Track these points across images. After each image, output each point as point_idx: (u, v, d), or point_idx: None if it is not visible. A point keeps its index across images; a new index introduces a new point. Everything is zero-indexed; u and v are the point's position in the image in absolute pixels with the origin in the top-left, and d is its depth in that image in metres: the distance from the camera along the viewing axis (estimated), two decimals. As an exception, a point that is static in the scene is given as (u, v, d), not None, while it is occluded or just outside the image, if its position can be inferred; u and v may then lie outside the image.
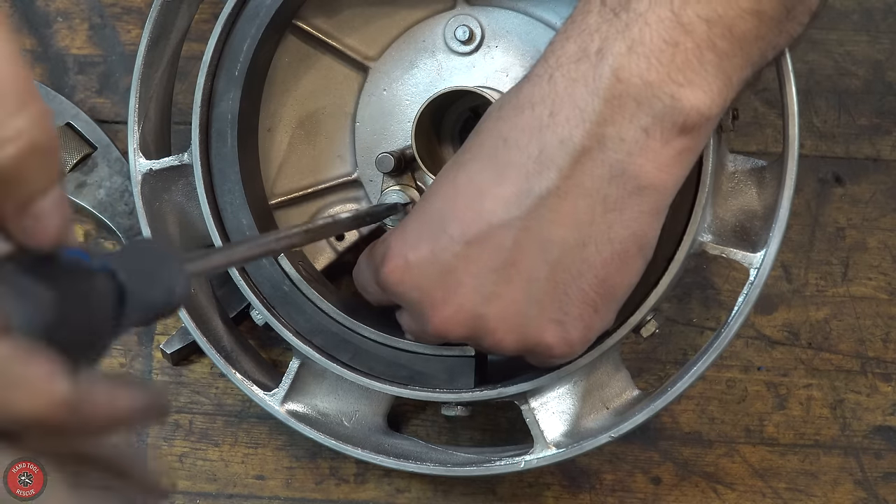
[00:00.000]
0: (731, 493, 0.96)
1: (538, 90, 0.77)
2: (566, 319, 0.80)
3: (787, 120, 0.84)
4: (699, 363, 0.86)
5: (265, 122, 0.94)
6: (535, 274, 0.78)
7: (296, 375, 0.92)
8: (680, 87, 0.75)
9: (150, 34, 0.91)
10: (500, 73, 0.92)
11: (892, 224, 1.00)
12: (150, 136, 0.93)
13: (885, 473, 0.96)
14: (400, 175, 0.92)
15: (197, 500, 0.96)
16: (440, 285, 0.80)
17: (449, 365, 0.89)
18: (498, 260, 0.78)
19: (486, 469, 0.90)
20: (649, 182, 0.77)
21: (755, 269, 0.85)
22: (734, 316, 0.85)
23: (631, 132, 0.75)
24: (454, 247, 0.79)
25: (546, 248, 0.78)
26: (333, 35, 0.94)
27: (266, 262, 0.90)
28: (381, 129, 0.94)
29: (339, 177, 0.96)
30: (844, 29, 1.04)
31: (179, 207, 0.93)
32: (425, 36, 0.93)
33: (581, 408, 0.89)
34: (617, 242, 0.78)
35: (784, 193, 0.84)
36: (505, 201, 0.77)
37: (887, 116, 1.02)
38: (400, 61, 0.94)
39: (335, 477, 0.96)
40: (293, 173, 0.96)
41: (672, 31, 0.74)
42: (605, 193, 0.77)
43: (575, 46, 0.76)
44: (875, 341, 0.99)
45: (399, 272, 0.80)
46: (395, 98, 0.94)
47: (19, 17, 1.05)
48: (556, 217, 0.77)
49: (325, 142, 0.96)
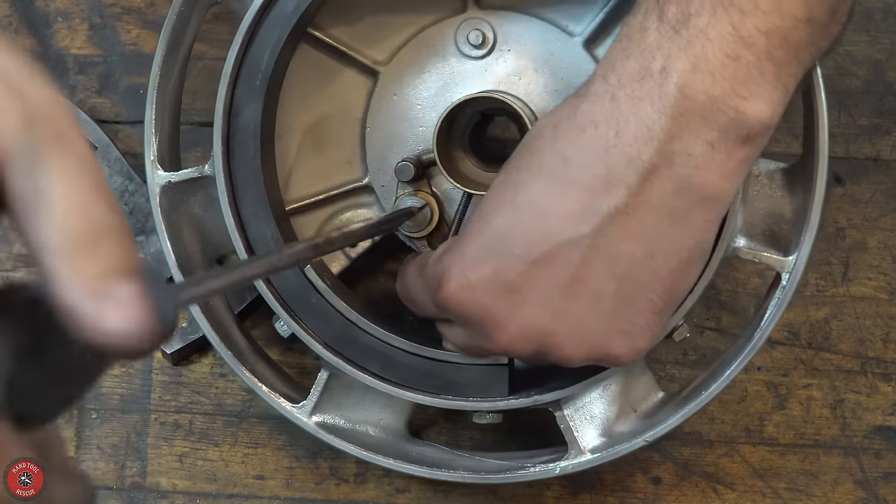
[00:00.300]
0: (731, 493, 0.96)
1: (600, 109, 0.78)
2: (634, 330, 0.81)
3: (817, 123, 0.85)
4: (732, 366, 0.87)
5: (274, 128, 0.94)
6: (603, 288, 0.79)
7: (324, 387, 0.91)
8: (743, 101, 0.76)
9: (166, 44, 0.90)
10: (513, 76, 0.92)
11: (892, 224, 1.00)
12: (164, 147, 0.92)
13: (885, 473, 0.96)
14: (417, 181, 0.92)
15: (197, 500, 0.96)
16: (506, 304, 0.80)
17: (481, 374, 0.89)
18: (565, 277, 0.79)
19: (522, 476, 0.90)
20: (713, 193, 0.78)
21: (787, 273, 0.86)
22: (767, 320, 0.86)
23: (698, 147, 0.76)
24: (519, 266, 0.79)
25: (614, 263, 0.78)
26: (343, 41, 0.93)
27: (292, 272, 0.89)
28: (393, 135, 0.94)
29: (350, 182, 0.95)
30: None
31: (196, 219, 0.92)
32: (436, 40, 0.93)
33: (611, 412, 0.90)
34: (683, 252, 0.79)
35: (815, 196, 0.85)
36: (573, 220, 0.78)
37: (887, 116, 1.02)
38: (411, 66, 0.93)
39: (335, 477, 0.96)
40: (303, 180, 0.95)
41: (734, 46, 0.75)
42: (671, 206, 0.78)
43: (636, 65, 0.77)
44: (875, 341, 0.98)
45: (462, 293, 0.80)
46: (407, 103, 0.93)
47: (19, 17, 1.05)
48: (625, 233, 0.78)
49: (334, 148, 0.95)
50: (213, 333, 0.90)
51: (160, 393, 0.98)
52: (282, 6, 0.88)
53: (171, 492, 0.96)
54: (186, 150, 0.96)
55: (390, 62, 0.93)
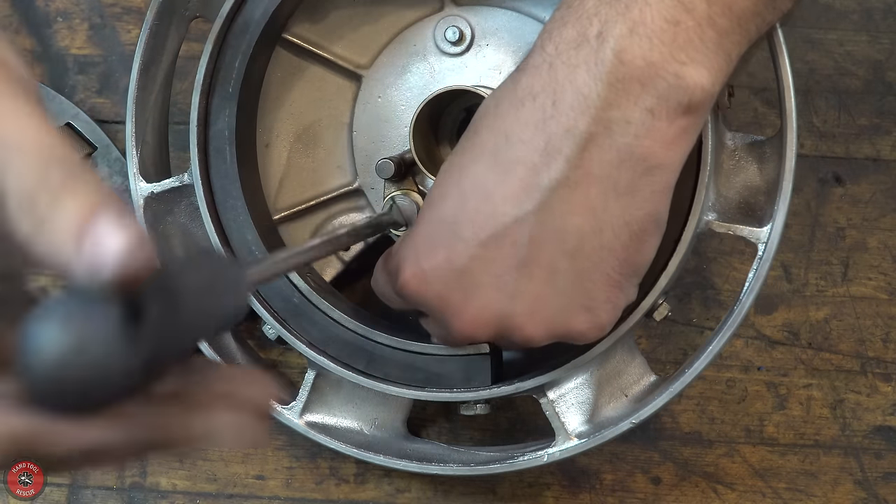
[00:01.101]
0: (731, 493, 0.96)
1: (538, 80, 0.77)
2: (593, 304, 0.80)
3: (783, 93, 0.84)
4: (713, 343, 0.86)
5: (262, 138, 0.95)
6: (557, 266, 0.78)
7: (312, 386, 0.92)
8: (683, 66, 0.74)
9: (141, 59, 0.91)
10: (493, 70, 0.92)
11: (892, 224, 1.00)
12: (149, 159, 0.93)
13: (885, 473, 0.96)
14: (401, 180, 0.92)
15: (197, 500, 0.96)
16: (459, 289, 0.79)
17: (464, 365, 0.89)
18: (516, 257, 0.78)
19: (510, 465, 0.90)
20: (658, 162, 0.76)
21: (763, 244, 0.85)
22: (745, 293, 0.85)
23: (636, 114, 0.75)
24: (469, 250, 0.78)
25: (563, 238, 0.77)
26: (323, 46, 0.94)
27: None
28: (379, 137, 0.94)
29: (341, 187, 0.96)
30: (844, 29, 1.04)
31: (184, 229, 0.93)
32: (416, 40, 0.93)
33: (599, 397, 0.90)
34: (634, 224, 0.78)
35: (786, 165, 0.84)
36: (517, 198, 0.77)
37: (887, 116, 1.02)
38: (392, 67, 0.94)
39: (335, 477, 0.96)
40: (294, 187, 0.96)
41: (673, 10, 0.74)
42: (615, 178, 0.76)
43: (574, 32, 0.76)
44: (875, 341, 0.99)
45: (416, 281, 0.80)
46: (391, 104, 0.94)
47: (19, 17, 1.05)
48: (569, 207, 0.77)
49: (323, 153, 0.96)
50: (204, 343, 0.91)
51: (160, 393, 0.98)
52: (249, 12, 0.89)
53: (171, 492, 0.96)
54: (186, 149, 0.96)
55: (372, 65, 0.94)
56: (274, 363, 0.98)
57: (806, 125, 1.01)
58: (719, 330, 0.86)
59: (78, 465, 0.57)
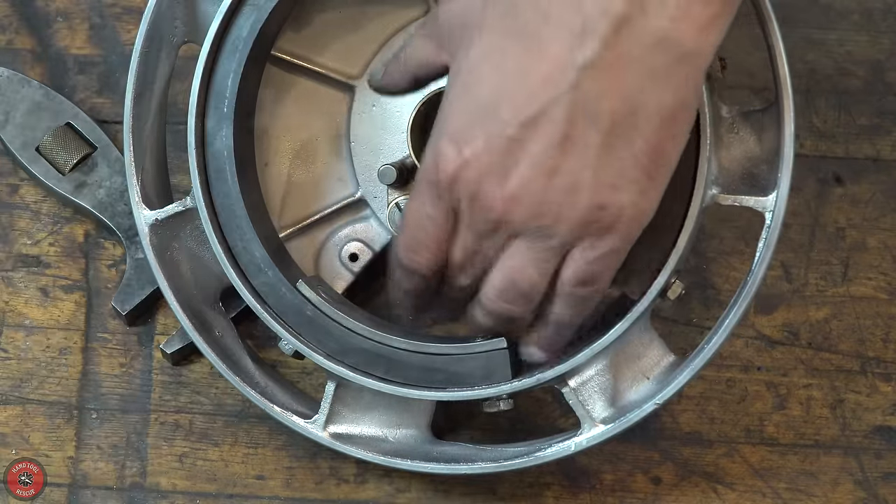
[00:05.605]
0: (731, 493, 0.96)
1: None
2: (622, 184, 0.80)
3: (776, 60, 0.85)
4: (731, 315, 0.87)
5: (261, 157, 0.95)
6: (589, 141, 0.79)
7: (333, 397, 0.92)
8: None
9: (133, 88, 0.91)
10: None
11: (892, 224, 1.00)
12: (149, 186, 0.93)
13: (885, 473, 0.96)
14: (403, 185, 0.93)
15: (197, 500, 0.96)
16: (500, 171, 0.80)
17: (483, 362, 0.89)
18: (553, 135, 0.79)
19: (538, 459, 0.90)
20: (691, 47, 0.77)
21: (770, 212, 0.86)
22: (757, 262, 0.86)
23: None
24: (509, 130, 0.79)
25: (596, 117, 0.78)
26: (311, 59, 0.95)
27: (286, 290, 0.90)
28: (377, 145, 0.95)
29: (343, 199, 0.96)
30: (844, 29, 1.04)
31: (192, 253, 0.93)
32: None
33: (621, 382, 0.90)
34: (666, 110, 0.79)
35: (785, 130, 0.85)
36: (553, 77, 0.78)
37: (887, 116, 1.02)
38: (384, 74, 0.94)
39: (335, 477, 0.96)
40: (297, 203, 0.96)
41: None
42: (651, 63, 0.77)
43: None
44: (875, 341, 0.99)
45: (457, 170, 0.81)
46: (386, 112, 0.95)
47: (19, 17, 1.05)
48: (603, 87, 0.78)
49: (323, 167, 0.96)
50: (220, 363, 0.92)
51: (160, 393, 0.98)
52: (237, 32, 0.89)
53: (171, 492, 0.96)
54: (186, 149, 0.96)
55: (363, 75, 0.95)
56: (273, 363, 0.98)
57: (806, 125, 1.01)
58: (740, 293, 0.87)
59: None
